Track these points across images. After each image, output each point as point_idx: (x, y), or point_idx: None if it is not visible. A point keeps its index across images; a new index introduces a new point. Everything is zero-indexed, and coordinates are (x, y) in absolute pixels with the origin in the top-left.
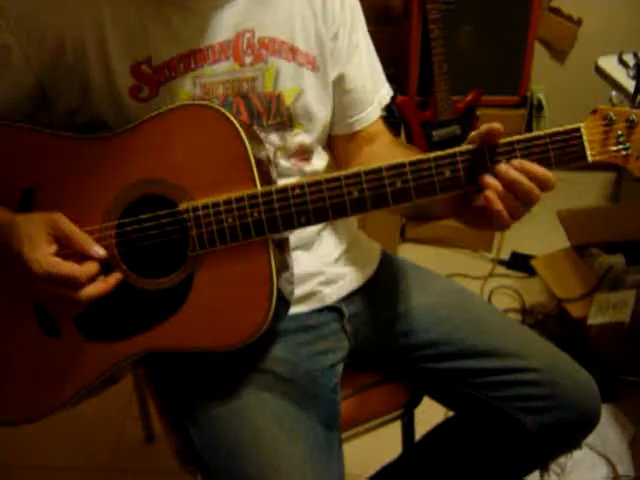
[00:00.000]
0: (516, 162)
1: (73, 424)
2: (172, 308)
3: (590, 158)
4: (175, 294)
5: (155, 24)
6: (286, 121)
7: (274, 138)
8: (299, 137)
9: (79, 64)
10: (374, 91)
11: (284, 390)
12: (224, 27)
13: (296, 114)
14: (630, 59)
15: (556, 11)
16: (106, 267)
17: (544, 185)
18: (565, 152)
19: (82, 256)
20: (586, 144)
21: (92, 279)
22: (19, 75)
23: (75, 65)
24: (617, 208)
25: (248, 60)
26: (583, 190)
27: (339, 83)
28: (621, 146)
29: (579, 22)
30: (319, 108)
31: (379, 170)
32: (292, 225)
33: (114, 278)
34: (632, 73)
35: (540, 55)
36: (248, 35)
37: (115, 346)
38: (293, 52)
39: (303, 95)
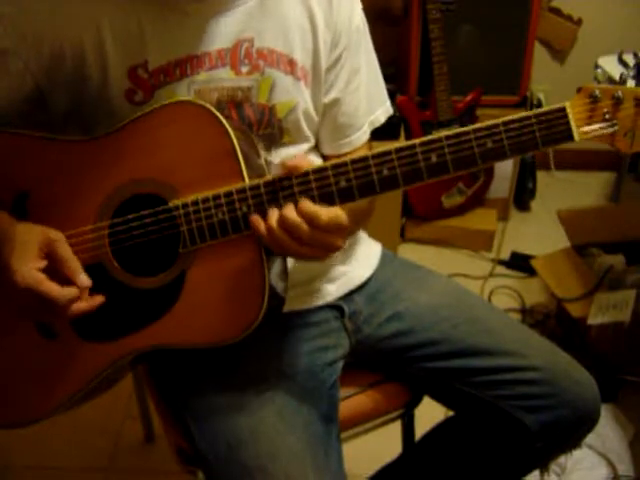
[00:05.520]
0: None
1: (73, 424)
2: (166, 306)
3: (577, 137)
4: (168, 292)
5: (153, 28)
6: (276, 133)
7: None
8: (287, 150)
9: (78, 67)
10: (368, 113)
11: (283, 384)
12: (223, 34)
13: (287, 127)
14: (630, 59)
15: (556, 11)
16: (100, 268)
17: (313, 222)
18: (551, 132)
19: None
20: (572, 122)
21: (72, 301)
22: (17, 79)
23: (74, 68)
24: (617, 208)
25: (244, 69)
26: (583, 190)
27: (333, 106)
28: (607, 123)
29: (579, 22)
30: (309, 124)
31: (366, 159)
32: None
33: (97, 300)
34: (632, 73)
35: (540, 55)
36: (246, 44)
37: (111, 346)
38: (291, 65)
39: (296, 109)
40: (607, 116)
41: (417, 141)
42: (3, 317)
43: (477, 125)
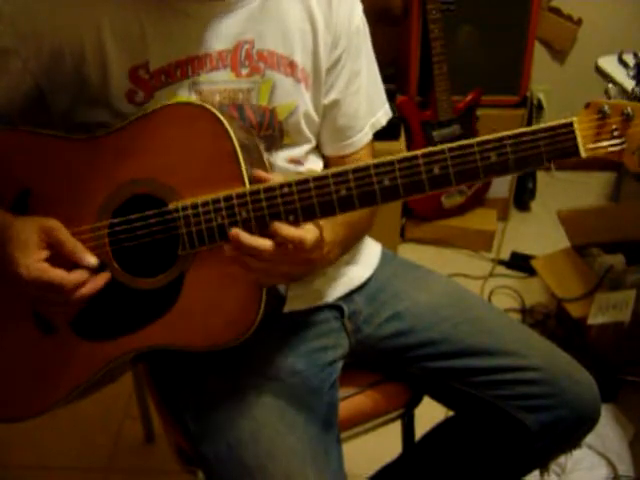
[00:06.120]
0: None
1: (73, 424)
2: (164, 307)
3: (584, 154)
4: (167, 293)
5: (154, 29)
6: (277, 135)
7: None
8: (288, 151)
9: (78, 67)
10: (369, 115)
11: (283, 384)
12: (223, 36)
13: (287, 129)
14: (630, 59)
15: (556, 11)
16: (99, 268)
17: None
18: (557, 148)
19: (73, 263)
20: (579, 139)
21: (79, 286)
22: (17, 78)
23: (74, 68)
24: (617, 208)
25: (244, 71)
26: (583, 190)
27: (333, 107)
28: (616, 141)
29: (579, 22)
30: (309, 126)
31: (367, 168)
32: None
33: (102, 278)
34: (632, 73)
35: (540, 55)
36: (247, 46)
37: (109, 345)
38: (292, 67)
39: (297, 111)
40: (616, 133)
41: (419, 152)
42: (2, 314)
43: (481, 138)
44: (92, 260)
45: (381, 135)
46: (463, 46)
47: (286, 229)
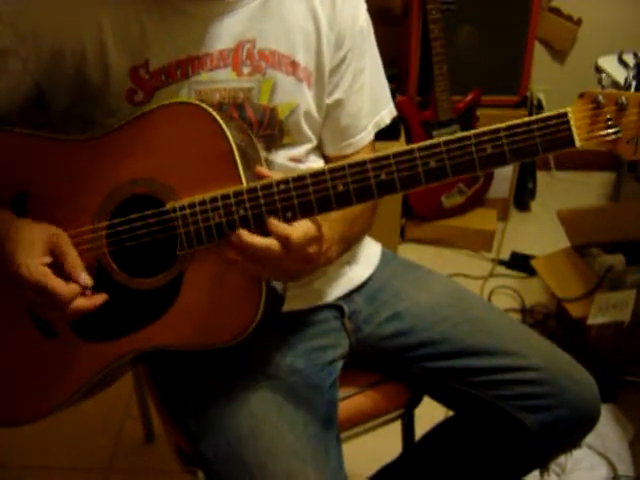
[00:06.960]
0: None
1: (73, 424)
2: (164, 307)
3: (579, 144)
4: (166, 293)
5: (155, 28)
6: (277, 134)
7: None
8: (288, 150)
9: (78, 67)
10: (372, 114)
11: (283, 383)
12: (224, 35)
13: (288, 129)
14: (630, 59)
15: (556, 11)
16: (98, 269)
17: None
18: (552, 138)
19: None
20: (574, 129)
21: (74, 298)
22: (16, 79)
23: (74, 69)
24: (617, 208)
25: (246, 70)
26: (583, 190)
27: (336, 107)
28: (610, 130)
29: (579, 22)
30: (310, 125)
31: (363, 163)
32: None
33: (99, 299)
34: (632, 73)
35: (540, 55)
36: (248, 45)
37: (109, 346)
38: (293, 66)
39: (297, 110)
40: (610, 122)
41: (415, 146)
42: (4, 316)
43: (477, 130)
44: (88, 280)
45: (381, 135)
46: (463, 46)
47: (274, 225)
